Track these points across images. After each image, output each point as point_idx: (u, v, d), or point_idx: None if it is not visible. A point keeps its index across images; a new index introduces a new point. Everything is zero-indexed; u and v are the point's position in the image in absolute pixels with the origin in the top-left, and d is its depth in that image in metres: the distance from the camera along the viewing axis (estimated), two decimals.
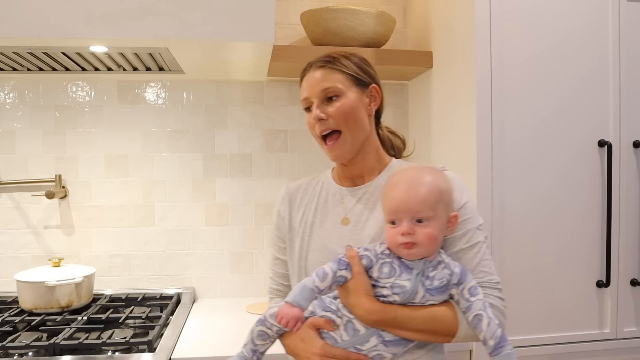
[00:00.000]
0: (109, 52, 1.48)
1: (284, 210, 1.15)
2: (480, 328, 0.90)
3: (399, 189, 0.92)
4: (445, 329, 0.93)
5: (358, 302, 0.92)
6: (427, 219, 0.90)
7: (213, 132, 1.93)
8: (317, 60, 1.08)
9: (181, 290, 1.87)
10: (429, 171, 0.95)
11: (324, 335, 0.95)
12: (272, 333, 1.00)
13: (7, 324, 1.50)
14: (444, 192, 0.93)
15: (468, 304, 0.92)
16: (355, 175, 1.12)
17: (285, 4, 1.94)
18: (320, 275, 0.93)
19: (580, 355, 1.48)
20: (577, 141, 1.48)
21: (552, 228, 1.47)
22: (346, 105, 1.04)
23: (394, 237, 0.91)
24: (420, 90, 1.89)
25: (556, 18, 1.46)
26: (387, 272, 0.93)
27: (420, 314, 0.92)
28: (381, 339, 0.92)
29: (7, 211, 1.84)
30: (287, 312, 0.89)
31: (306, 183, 1.18)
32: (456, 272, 0.93)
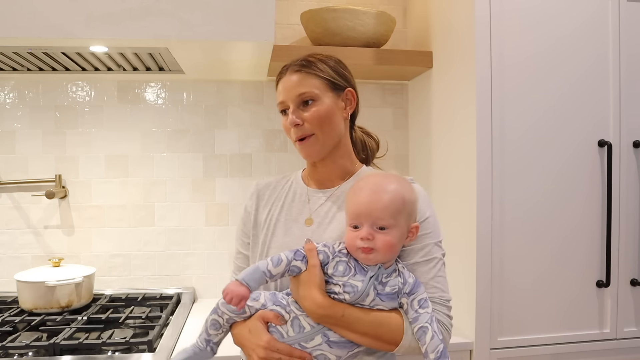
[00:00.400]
0: (109, 52, 1.48)
1: (250, 206, 1.16)
2: (424, 340, 0.91)
3: (363, 194, 0.94)
4: (390, 337, 0.94)
5: (308, 294, 0.93)
6: (388, 226, 0.92)
7: (213, 132, 1.93)
8: (293, 64, 1.09)
9: (181, 290, 1.87)
10: (395, 180, 0.96)
11: (271, 329, 0.96)
12: (223, 322, 1.01)
13: (7, 324, 1.50)
14: (407, 202, 0.94)
15: (416, 315, 0.93)
16: (324, 177, 1.13)
17: (285, 4, 1.94)
18: (275, 261, 0.94)
19: (580, 355, 1.48)
20: (577, 141, 1.48)
21: (552, 228, 1.47)
22: (321, 110, 1.05)
23: (353, 240, 0.93)
24: (420, 90, 1.89)
25: (556, 18, 1.46)
26: (341, 270, 0.94)
27: (368, 316, 0.93)
28: (326, 338, 0.93)
29: (7, 211, 1.84)
30: (234, 289, 0.90)
31: (276, 181, 1.19)
32: (409, 282, 0.95)
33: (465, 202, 1.49)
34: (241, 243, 1.17)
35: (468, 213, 1.46)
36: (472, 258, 1.44)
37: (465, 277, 1.48)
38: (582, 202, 1.49)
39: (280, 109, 1.10)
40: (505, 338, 1.44)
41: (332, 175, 1.13)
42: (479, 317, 1.42)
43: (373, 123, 2.00)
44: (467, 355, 1.44)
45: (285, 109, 1.08)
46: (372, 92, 2.01)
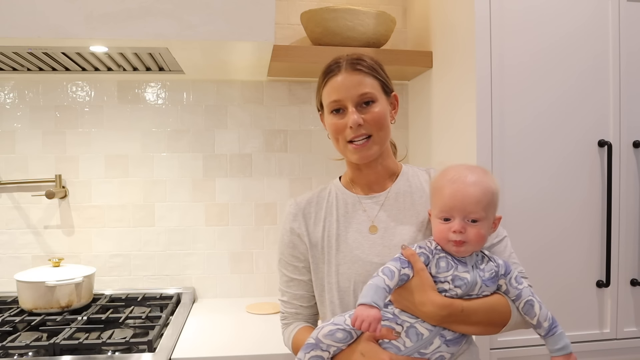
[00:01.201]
0: (109, 52, 1.48)
1: (299, 227, 1.10)
2: (534, 312, 0.94)
3: (455, 188, 0.93)
4: (501, 319, 0.95)
5: (426, 299, 0.90)
6: (479, 219, 0.93)
7: (213, 132, 1.93)
8: (345, 62, 1.05)
9: (181, 290, 1.87)
10: (481, 172, 0.97)
11: (385, 345, 0.92)
12: (329, 356, 0.95)
13: (7, 324, 1.50)
14: (495, 194, 0.95)
15: (517, 292, 0.95)
16: (372, 181, 1.11)
17: (285, 4, 1.94)
18: (389, 274, 0.91)
19: (580, 355, 1.48)
20: (577, 141, 1.48)
21: (552, 228, 1.47)
22: (381, 112, 1.04)
23: (445, 233, 0.93)
24: (420, 90, 1.89)
25: (556, 17, 1.46)
26: (444, 266, 0.94)
27: (481, 304, 0.93)
28: (443, 339, 0.92)
29: (7, 211, 1.84)
30: (367, 314, 0.85)
31: (316, 196, 1.14)
32: (501, 264, 0.97)
33: None
34: (292, 269, 1.11)
35: None
36: None
37: None
38: (582, 202, 1.49)
39: (333, 107, 1.05)
40: (505, 338, 1.44)
41: (380, 178, 1.11)
42: None
43: None
44: None
45: (338, 108, 1.04)
46: None
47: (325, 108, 1.08)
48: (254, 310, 1.75)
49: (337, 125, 1.04)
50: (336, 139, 1.07)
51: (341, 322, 0.95)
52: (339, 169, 1.96)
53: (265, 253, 1.95)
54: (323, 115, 1.12)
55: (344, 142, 1.05)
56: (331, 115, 1.06)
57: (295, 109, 1.96)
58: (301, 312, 1.13)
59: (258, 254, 1.94)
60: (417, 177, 1.12)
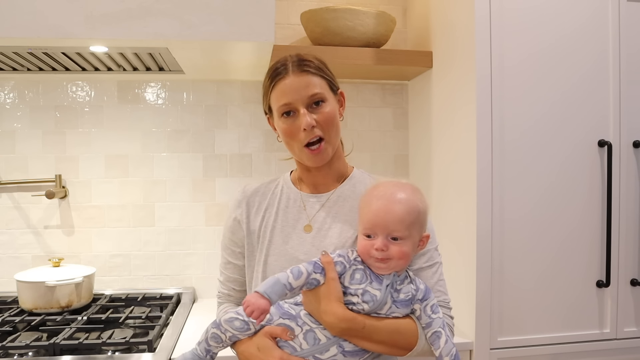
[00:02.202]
0: (109, 52, 1.48)
1: (240, 214, 1.12)
2: (438, 345, 0.93)
3: (379, 205, 0.93)
4: (406, 342, 0.94)
5: (329, 309, 0.91)
6: (403, 237, 0.92)
7: (213, 132, 1.93)
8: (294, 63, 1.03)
9: (181, 290, 1.87)
10: (410, 190, 0.96)
11: (282, 343, 0.94)
12: (225, 338, 0.98)
13: (7, 324, 1.50)
14: (421, 213, 0.95)
15: (429, 321, 0.95)
16: (320, 181, 1.11)
17: (285, 4, 1.94)
18: (295, 273, 0.92)
19: (580, 355, 1.48)
20: (577, 141, 1.48)
21: (552, 228, 1.47)
22: (332, 111, 1.03)
23: (367, 249, 0.93)
24: (420, 90, 1.89)
25: (556, 17, 1.46)
26: (358, 278, 0.94)
27: (386, 325, 0.93)
28: (341, 349, 0.93)
29: (7, 211, 1.84)
30: (255, 302, 0.87)
31: (264, 186, 1.16)
32: (421, 289, 0.96)
33: (465, 202, 1.49)
34: (231, 252, 1.14)
35: (468, 213, 1.46)
36: (472, 258, 1.44)
37: (465, 277, 1.48)
38: (582, 202, 1.49)
39: (283, 111, 1.03)
40: (505, 338, 1.44)
41: (328, 179, 1.11)
42: (479, 317, 1.42)
43: (373, 123, 2.00)
44: (467, 355, 1.44)
45: (289, 111, 1.03)
46: (372, 92, 2.01)
47: (275, 112, 1.06)
48: None
49: (290, 130, 1.03)
50: (290, 142, 1.06)
51: (242, 312, 0.96)
52: None
53: None
54: (271, 119, 1.12)
55: (300, 147, 1.04)
56: (282, 119, 1.04)
57: None
58: (233, 294, 1.16)
59: None
60: (364, 184, 1.11)
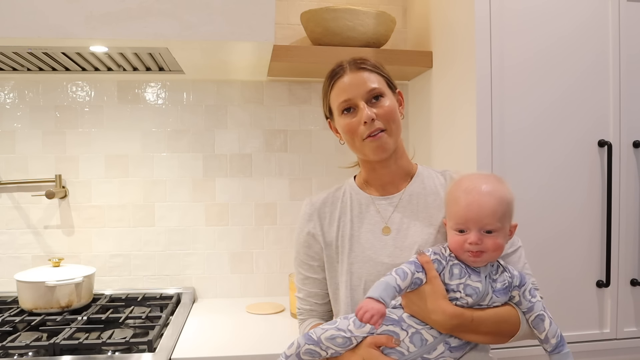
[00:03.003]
0: (109, 52, 1.48)
1: (314, 228, 1.11)
2: (543, 327, 0.95)
3: (469, 199, 0.93)
4: (509, 330, 0.95)
5: (437, 307, 0.91)
6: (495, 230, 0.92)
7: (213, 132, 1.93)
8: (348, 64, 1.06)
9: (181, 290, 1.87)
10: (497, 182, 0.96)
11: (388, 351, 0.92)
12: (325, 355, 0.96)
13: (7, 324, 1.50)
14: (510, 204, 0.95)
15: (530, 305, 0.95)
16: (387, 181, 1.11)
17: (285, 4, 1.94)
18: (401, 275, 0.91)
19: (580, 355, 1.48)
20: (577, 141, 1.48)
21: (552, 228, 1.47)
22: (392, 105, 1.05)
23: (461, 244, 0.93)
24: (420, 90, 1.89)
25: (556, 17, 1.46)
26: (457, 273, 0.94)
27: (491, 315, 0.93)
28: (448, 345, 0.93)
29: (7, 211, 1.84)
30: (372, 307, 0.85)
31: (331, 195, 1.15)
32: (516, 275, 0.96)
33: None
34: (308, 268, 1.13)
35: None
36: None
37: None
38: (582, 202, 1.49)
39: (343, 107, 1.05)
40: None
41: (395, 178, 1.11)
42: None
43: None
44: None
45: (349, 108, 1.05)
46: None
47: (336, 110, 1.08)
48: (254, 310, 1.75)
49: (350, 125, 1.05)
50: (351, 139, 1.07)
51: (344, 327, 0.95)
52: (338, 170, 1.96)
53: (265, 253, 1.95)
54: (332, 122, 1.13)
55: (360, 140, 1.05)
56: (342, 117, 1.06)
57: (295, 109, 1.96)
58: (315, 308, 1.15)
59: (258, 254, 1.94)
60: (432, 179, 1.12)
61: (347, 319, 0.98)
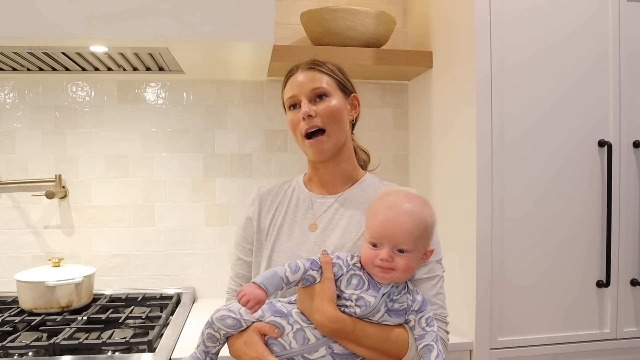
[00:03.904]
0: (109, 52, 1.48)
1: (252, 212, 1.15)
2: (428, 358, 0.92)
3: (388, 215, 0.92)
4: (396, 351, 0.94)
5: (320, 308, 0.92)
6: (408, 250, 0.91)
7: (213, 132, 1.93)
8: (304, 63, 1.11)
9: (181, 290, 1.87)
10: (420, 203, 0.95)
11: (271, 341, 0.94)
12: (220, 337, 0.99)
13: (7, 324, 1.50)
14: (429, 227, 0.94)
15: (422, 333, 0.94)
16: (327, 181, 1.13)
17: (285, 4, 1.94)
18: (293, 268, 0.93)
19: (580, 355, 1.48)
20: (577, 141, 1.48)
21: (552, 228, 1.47)
22: (334, 105, 1.07)
23: (371, 259, 0.92)
24: (420, 90, 1.89)
25: (556, 18, 1.46)
26: (355, 283, 0.94)
27: (377, 331, 0.93)
28: (330, 350, 0.93)
29: (7, 211, 1.84)
30: (252, 291, 0.88)
31: (278, 187, 1.19)
32: (418, 300, 0.96)
33: (465, 202, 1.49)
34: (241, 249, 1.16)
35: (468, 213, 1.46)
36: (472, 258, 1.44)
37: (465, 277, 1.48)
38: (582, 202, 1.49)
39: (289, 103, 1.10)
40: (505, 338, 1.44)
41: (336, 179, 1.13)
42: (479, 317, 1.42)
43: (373, 123, 2.00)
44: (467, 355, 1.44)
45: (294, 104, 1.09)
46: (372, 92, 2.01)
47: (285, 106, 1.12)
48: None
49: (292, 120, 1.09)
50: (294, 134, 1.11)
51: (235, 310, 0.98)
52: None
53: None
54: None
55: (301, 137, 1.08)
56: (289, 112, 1.11)
57: None
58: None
59: None
60: (374, 189, 1.13)
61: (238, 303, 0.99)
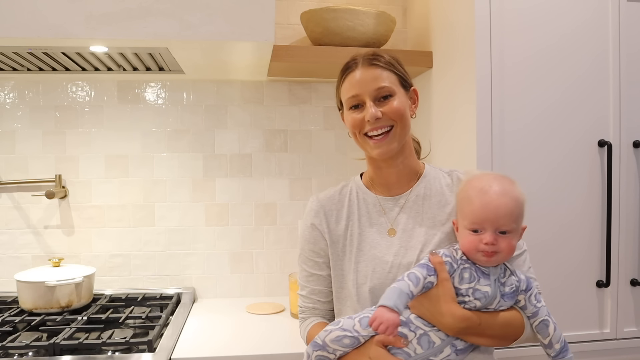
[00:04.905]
0: (109, 52, 1.48)
1: (320, 224, 1.10)
2: (547, 332, 0.95)
3: (486, 199, 0.92)
4: (514, 334, 0.95)
5: (447, 310, 0.91)
6: (510, 231, 0.92)
7: (213, 132, 1.93)
8: (364, 58, 1.05)
9: (181, 290, 1.87)
10: (508, 182, 0.96)
11: (395, 351, 0.92)
12: (334, 358, 0.97)
13: (7, 324, 1.50)
14: (523, 205, 0.95)
15: (535, 310, 0.95)
16: (392, 181, 1.10)
17: (285, 4, 1.94)
18: (414, 280, 0.91)
19: (580, 355, 1.48)
20: (577, 141, 1.48)
21: (552, 228, 1.47)
22: (400, 105, 1.04)
23: (475, 244, 0.92)
24: (420, 90, 1.87)
25: (556, 17, 1.46)
26: (467, 277, 0.93)
27: (498, 319, 0.94)
28: (454, 348, 0.93)
29: (7, 211, 1.84)
30: (388, 317, 0.85)
31: (338, 193, 1.15)
32: (523, 279, 0.96)
33: None
34: (312, 264, 1.11)
35: None
36: None
37: None
38: (582, 201, 1.49)
39: (351, 103, 1.05)
40: None
41: (401, 178, 1.10)
42: None
43: None
44: None
45: (357, 104, 1.04)
46: None
47: (344, 105, 1.08)
48: (254, 310, 1.75)
49: (355, 120, 1.04)
50: (355, 134, 1.07)
51: (349, 328, 0.95)
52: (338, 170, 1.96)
53: (265, 253, 1.95)
54: (343, 114, 1.13)
55: (363, 137, 1.05)
56: (350, 112, 1.06)
57: (295, 109, 1.96)
58: (318, 306, 1.14)
59: (258, 254, 1.94)
60: (439, 179, 1.12)
61: (351, 319, 0.97)
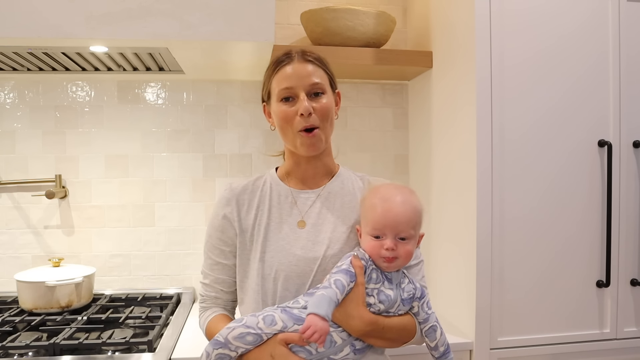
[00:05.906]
0: (109, 52, 1.48)
1: (230, 213, 1.11)
2: (434, 337, 1.02)
3: (387, 207, 0.98)
4: (407, 337, 1.01)
5: (357, 313, 0.94)
6: (408, 237, 0.98)
7: (213, 132, 1.93)
8: (299, 53, 1.07)
9: (181, 290, 1.87)
10: (408, 192, 1.02)
11: (296, 348, 0.94)
12: (235, 355, 0.97)
13: (7, 324, 1.50)
14: (421, 213, 1.01)
15: (426, 316, 1.02)
16: (309, 176, 1.13)
17: (285, 4, 1.94)
18: (340, 288, 0.94)
19: (580, 355, 1.48)
20: (577, 141, 1.48)
21: (552, 228, 1.47)
22: (329, 104, 1.07)
23: (377, 250, 0.97)
24: (420, 90, 1.89)
25: (556, 18, 1.46)
26: (375, 278, 0.98)
27: (396, 323, 0.99)
28: (353, 347, 0.96)
29: (7, 211, 1.84)
30: (320, 326, 0.87)
31: (252, 184, 1.15)
32: (418, 287, 1.02)
33: (465, 202, 1.49)
34: (219, 253, 1.12)
35: (468, 213, 1.46)
36: (472, 258, 1.44)
37: (466, 277, 1.48)
38: (582, 202, 1.49)
39: (284, 95, 1.05)
40: (505, 338, 1.44)
41: (317, 174, 1.13)
42: (479, 317, 1.42)
43: (373, 123, 2.00)
44: (467, 355, 1.44)
45: (290, 96, 1.05)
46: (372, 92, 2.01)
47: (275, 96, 1.08)
48: None
49: (286, 113, 1.05)
50: (284, 127, 1.07)
51: (253, 325, 0.96)
52: None
53: None
54: (268, 106, 1.15)
55: (293, 132, 1.06)
56: (280, 104, 1.06)
57: None
58: (221, 296, 1.15)
59: None
60: (351, 181, 1.15)
61: (254, 316, 0.98)
